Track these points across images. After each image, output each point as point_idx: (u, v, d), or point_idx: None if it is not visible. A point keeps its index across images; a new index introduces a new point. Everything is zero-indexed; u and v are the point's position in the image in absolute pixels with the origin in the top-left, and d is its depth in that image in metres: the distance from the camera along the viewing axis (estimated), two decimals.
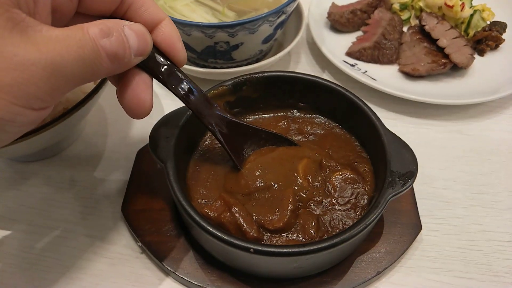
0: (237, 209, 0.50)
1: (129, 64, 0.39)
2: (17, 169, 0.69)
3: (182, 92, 0.48)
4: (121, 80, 0.42)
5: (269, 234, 0.51)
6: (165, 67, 0.45)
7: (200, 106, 0.51)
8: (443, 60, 0.81)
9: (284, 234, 0.51)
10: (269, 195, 0.54)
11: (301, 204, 0.53)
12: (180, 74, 0.47)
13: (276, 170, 0.56)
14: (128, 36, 0.37)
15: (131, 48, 0.38)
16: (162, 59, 0.45)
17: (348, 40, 0.90)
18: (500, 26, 0.87)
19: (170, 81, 0.47)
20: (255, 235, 0.49)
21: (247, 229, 0.49)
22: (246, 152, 0.58)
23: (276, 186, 0.54)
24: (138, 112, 0.42)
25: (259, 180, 0.55)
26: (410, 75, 0.82)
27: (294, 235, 0.51)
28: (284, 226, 0.50)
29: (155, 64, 0.44)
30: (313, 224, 0.51)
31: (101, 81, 0.59)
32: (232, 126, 0.55)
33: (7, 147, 0.53)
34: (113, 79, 0.44)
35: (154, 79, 0.46)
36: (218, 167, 0.59)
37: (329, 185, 0.55)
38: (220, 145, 0.61)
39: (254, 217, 0.51)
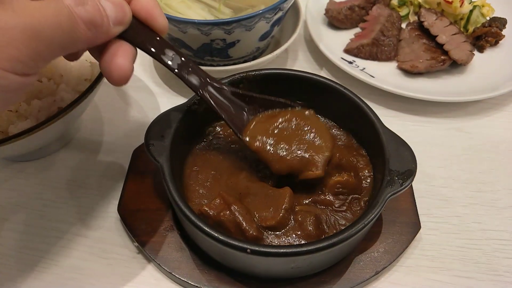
0: (236, 208, 0.50)
1: (109, 33, 0.40)
2: (12, 168, 0.68)
3: (168, 60, 0.48)
4: (104, 50, 0.42)
5: (269, 233, 0.50)
6: (147, 36, 0.45)
7: (189, 74, 0.50)
8: (442, 57, 0.80)
9: (280, 233, 0.51)
10: (266, 192, 0.53)
11: (297, 203, 0.53)
12: (164, 43, 0.47)
13: (280, 135, 0.54)
14: (104, 5, 0.39)
15: (108, 17, 0.39)
16: (143, 29, 0.45)
17: (346, 37, 0.90)
18: (500, 22, 0.86)
19: (154, 49, 0.46)
20: (254, 233, 0.48)
21: (247, 228, 0.49)
22: (245, 120, 0.55)
23: (278, 148, 0.52)
24: (115, 76, 0.42)
25: (262, 142, 0.53)
26: (409, 72, 0.81)
27: (293, 233, 0.51)
28: (276, 224, 0.50)
29: (137, 34, 0.44)
30: (311, 221, 0.50)
31: (95, 80, 0.59)
32: (227, 94, 0.53)
33: (2, 146, 0.52)
34: (96, 54, 0.44)
35: (142, 53, 0.46)
36: (217, 167, 0.58)
37: (328, 184, 0.54)
38: (218, 144, 0.61)
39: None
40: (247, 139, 0.54)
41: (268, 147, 0.53)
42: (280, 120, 0.55)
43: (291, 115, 0.55)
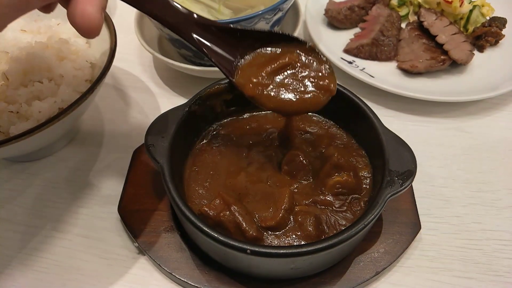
0: (236, 208, 0.50)
1: None
2: (12, 169, 0.68)
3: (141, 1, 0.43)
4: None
5: (268, 233, 0.51)
6: None
7: (169, 13, 0.45)
8: (442, 57, 0.80)
9: (280, 233, 0.51)
10: (266, 192, 0.54)
11: (297, 203, 0.53)
12: None
13: (277, 75, 0.50)
14: None
15: None
16: None
17: (345, 37, 0.90)
18: (500, 22, 0.86)
19: None
20: (254, 234, 0.49)
21: (247, 228, 0.49)
22: (238, 61, 0.50)
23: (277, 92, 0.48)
24: (81, 24, 0.38)
25: (258, 85, 0.49)
26: (409, 72, 0.81)
27: (292, 234, 0.51)
28: (276, 224, 0.50)
29: None
30: (311, 222, 0.50)
31: (96, 80, 0.59)
32: (216, 32, 0.48)
33: (3, 147, 0.52)
34: (65, 2, 0.41)
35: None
36: (217, 167, 0.58)
37: (328, 184, 0.54)
38: (218, 145, 0.61)
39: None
40: (241, 82, 0.49)
41: (265, 90, 0.49)
42: (276, 59, 0.50)
43: (288, 53, 0.50)
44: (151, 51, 0.76)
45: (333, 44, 0.87)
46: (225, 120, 0.64)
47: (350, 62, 0.83)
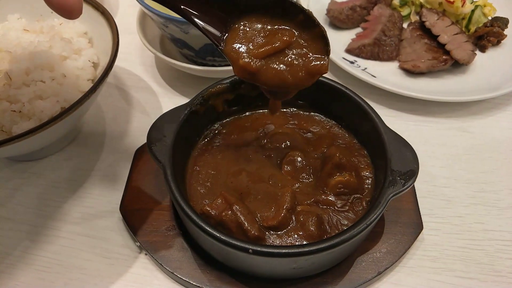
0: (238, 207, 0.50)
1: None
2: (15, 168, 0.69)
3: None
4: None
5: (270, 233, 0.51)
6: None
7: None
8: (444, 57, 0.80)
9: (282, 233, 0.51)
10: (267, 192, 0.54)
11: (299, 203, 0.53)
12: None
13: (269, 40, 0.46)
14: None
15: None
16: None
17: (347, 37, 0.89)
18: (502, 22, 0.86)
19: None
20: (256, 234, 0.49)
21: (249, 228, 0.49)
22: (229, 26, 0.46)
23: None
24: (61, 4, 0.37)
25: (247, 54, 0.46)
26: (411, 72, 0.81)
27: (294, 234, 0.51)
28: (278, 224, 0.50)
29: None
30: (313, 221, 0.50)
31: (98, 80, 0.59)
32: None
33: (6, 146, 0.52)
34: None
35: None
36: (218, 167, 0.58)
37: (330, 184, 0.54)
38: (219, 144, 0.61)
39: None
40: (230, 54, 0.46)
41: (255, 66, 0.46)
42: (269, 32, 0.46)
43: (283, 26, 0.47)
44: (153, 51, 0.76)
45: (334, 44, 0.87)
46: (227, 120, 0.64)
47: (352, 62, 0.83)
